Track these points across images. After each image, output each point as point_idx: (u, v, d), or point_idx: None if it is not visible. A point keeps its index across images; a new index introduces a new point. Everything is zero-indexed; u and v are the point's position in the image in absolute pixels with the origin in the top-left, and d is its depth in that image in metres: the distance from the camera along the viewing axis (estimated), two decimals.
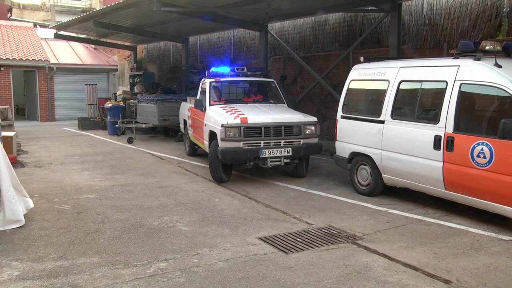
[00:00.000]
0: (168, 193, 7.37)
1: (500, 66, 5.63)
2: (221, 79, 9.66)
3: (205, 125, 8.76)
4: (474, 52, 5.98)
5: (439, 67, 6.37)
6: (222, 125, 7.71)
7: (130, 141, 13.57)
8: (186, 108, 11.27)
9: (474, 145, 5.55)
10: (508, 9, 9.04)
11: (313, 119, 8.25)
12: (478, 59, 5.86)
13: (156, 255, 4.75)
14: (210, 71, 9.89)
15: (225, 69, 9.81)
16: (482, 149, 5.47)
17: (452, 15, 10.00)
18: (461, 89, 5.89)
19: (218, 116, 8.10)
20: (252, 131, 7.75)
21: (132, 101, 16.63)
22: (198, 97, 9.84)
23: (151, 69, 21.49)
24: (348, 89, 7.81)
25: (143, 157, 11.17)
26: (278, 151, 7.78)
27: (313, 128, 8.12)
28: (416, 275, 4.28)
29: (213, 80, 9.54)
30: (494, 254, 4.78)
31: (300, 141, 7.98)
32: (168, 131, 14.99)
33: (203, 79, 9.98)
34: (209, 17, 12.72)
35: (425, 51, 10.18)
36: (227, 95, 9.91)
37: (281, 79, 11.29)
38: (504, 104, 5.66)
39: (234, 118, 7.80)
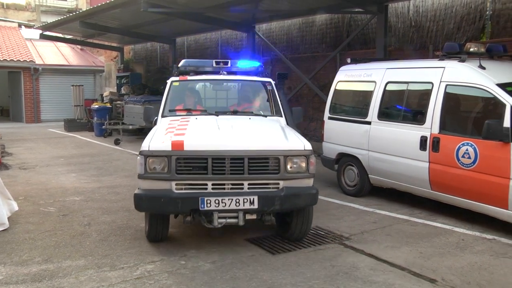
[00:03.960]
0: None
1: (484, 68, 5.70)
2: (189, 78, 6.41)
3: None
4: (459, 54, 6.05)
5: (425, 69, 6.44)
6: (141, 152, 4.66)
7: (117, 142, 13.47)
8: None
9: (459, 146, 5.62)
10: (491, 12, 9.17)
11: (302, 145, 4.82)
12: (463, 61, 5.94)
13: (143, 257, 4.72)
14: (180, 65, 6.63)
15: (202, 63, 6.76)
16: (467, 150, 5.53)
17: (437, 17, 10.11)
18: (447, 90, 5.96)
19: (150, 136, 5.02)
20: (191, 163, 4.61)
21: (119, 102, 16.52)
22: (163, 103, 6.15)
23: (138, 70, 21.37)
24: (335, 90, 7.85)
25: (130, 158, 11.09)
26: (235, 201, 4.54)
27: (302, 161, 4.74)
28: (402, 274, 4.31)
29: (175, 79, 6.41)
30: (478, 253, 4.84)
31: (278, 184, 4.68)
32: None
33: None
34: (197, 18, 12.70)
35: (411, 53, 10.27)
36: (200, 102, 6.50)
37: (279, 78, 7.38)
38: (488, 105, 5.73)
39: (163, 142, 4.69)
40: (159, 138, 4.84)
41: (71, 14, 15.99)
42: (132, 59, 22.56)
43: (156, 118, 6.00)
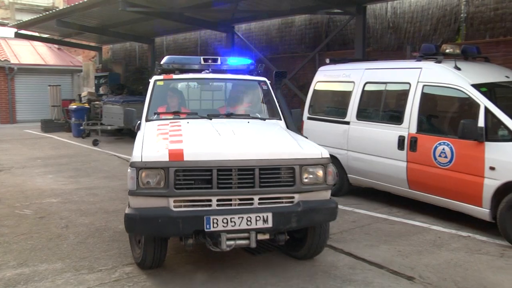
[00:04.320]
0: None
1: (459, 69, 5.81)
2: (174, 77, 5.75)
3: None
4: (436, 55, 6.16)
5: (402, 69, 6.53)
6: (132, 163, 3.94)
7: (95, 143, 13.30)
8: None
9: (436, 145, 5.71)
10: (466, 15, 9.37)
11: (318, 152, 4.22)
12: (439, 62, 6.04)
13: (121, 259, 4.66)
14: (162, 62, 5.91)
15: (187, 60, 6.12)
16: (443, 149, 5.62)
17: (414, 19, 10.27)
18: (424, 91, 6.05)
19: (139, 143, 4.31)
20: (193, 176, 3.94)
21: (97, 102, 16.32)
22: (146, 105, 5.48)
23: (117, 70, 21.15)
24: (314, 90, 7.89)
25: (108, 159, 10.96)
26: (246, 220, 3.92)
27: (319, 171, 4.16)
28: (381, 272, 4.36)
29: (159, 78, 5.69)
30: (454, 250, 4.93)
31: (292, 198, 4.09)
32: (134, 133, 14.76)
33: (150, 78, 5.90)
34: (176, 18, 12.63)
35: (389, 54, 10.41)
36: (186, 104, 5.85)
37: (276, 77, 6.08)
38: (463, 105, 5.84)
39: (157, 151, 4.01)
40: (152, 147, 4.12)
41: (47, 13, 15.71)
42: (110, 59, 22.32)
43: (139, 122, 5.29)
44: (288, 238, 4.35)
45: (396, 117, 6.37)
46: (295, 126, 5.51)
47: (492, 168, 5.12)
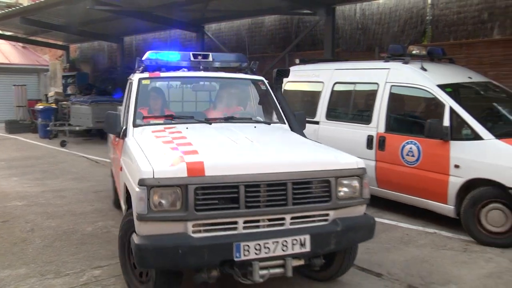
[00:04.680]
0: (103, 198, 7.13)
1: (425, 70, 5.95)
2: (161, 75, 5.00)
3: (121, 168, 4.18)
4: (403, 56, 6.29)
5: (371, 70, 6.63)
6: (141, 181, 3.17)
7: (63, 144, 13.01)
8: None
9: (404, 144, 5.82)
10: (431, 17, 9.62)
11: (354, 162, 3.72)
12: (406, 63, 6.17)
13: (90, 262, 4.57)
14: (145, 57, 5.11)
15: (172, 56, 5.18)
16: (411, 148, 5.74)
17: (382, 20, 10.46)
18: (392, 91, 6.16)
19: (140, 155, 3.54)
20: (216, 194, 3.27)
21: (65, 102, 15.98)
22: (123, 108, 5.26)
23: (85, 69, 20.75)
24: (284, 90, 7.91)
25: (77, 161, 10.74)
26: (281, 245, 3.33)
27: (355, 183, 3.66)
28: (350, 271, 4.41)
29: (144, 77, 4.89)
30: (421, 246, 5.04)
31: (327, 215, 3.56)
32: (104, 133, 14.54)
33: (130, 76, 5.36)
34: (146, 17, 12.49)
35: (358, 54, 10.57)
36: (173, 106, 5.19)
37: (277, 75, 5.29)
38: (429, 105, 5.99)
39: (172, 164, 3.28)
40: (161, 159, 3.35)
41: (10, 9, 15.26)
42: (78, 58, 21.88)
43: (123, 127, 4.49)
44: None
45: (365, 117, 6.46)
46: (301, 130, 4.84)
47: (456, 166, 5.26)
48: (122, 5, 11.44)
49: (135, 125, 4.42)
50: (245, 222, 3.30)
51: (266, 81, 5.26)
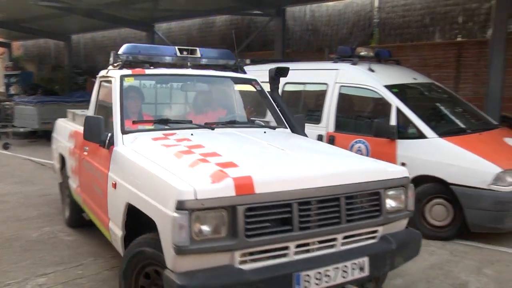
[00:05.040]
0: (51, 202, 6.86)
1: (373, 71, 6.13)
2: (147, 72, 4.26)
3: (114, 185, 3.50)
4: (351, 57, 6.45)
5: (320, 70, 6.76)
6: (180, 204, 2.49)
7: (6, 146, 12.41)
8: (64, 132, 5.71)
9: (353, 143, 5.97)
10: (378, 21, 9.94)
11: (400, 170, 3.35)
12: (355, 64, 6.33)
13: (34, 270, 4.39)
14: (122, 52, 4.33)
15: (157, 50, 4.55)
16: (359, 147, 5.89)
17: (332, 22, 10.70)
18: (341, 91, 6.30)
19: (161, 169, 2.93)
20: (267, 215, 2.69)
21: (7, 103, 15.27)
22: (92, 111, 4.57)
23: (30, 68, 19.93)
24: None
25: (21, 164, 10.28)
26: (341, 271, 2.86)
27: (401, 194, 3.26)
28: None
29: (127, 73, 4.12)
30: None
31: (375, 232, 3.14)
32: (50, 135, 14.02)
33: (102, 73, 4.57)
34: (94, 15, 12.15)
35: (308, 55, 10.74)
36: (153, 109, 4.57)
37: (276, 75, 4.79)
38: (377, 105, 6.17)
39: (213, 181, 2.63)
40: (196, 174, 2.72)
41: None
42: (22, 57, 20.99)
43: (109, 134, 3.72)
44: None
45: (314, 117, 6.57)
46: (305, 135, 4.46)
47: (403, 164, 5.43)
48: (69, 1, 11.07)
49: (124, 132, 3.70)
50: (297, 246, 2.79)
51: (259, 81, 4.75)
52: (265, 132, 4.14)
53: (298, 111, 6.87)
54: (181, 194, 2.51)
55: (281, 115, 4.52)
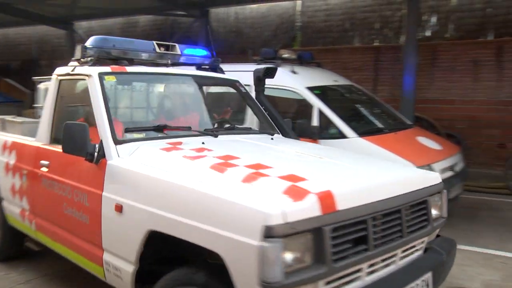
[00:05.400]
0: None
1: (296, 73, 6.23)
2: (128, 69, 3.61)
3: (119, 208, 2.79)
4: (274, 59, 6.51)
5: (243, 72, 6.73)
6: (269, 230, 2.02)
7: None
8: None
9: None
10: (301, 24, 10.18)
11: (436, 176, 3.13)
12: (278, 66, 6.39)
13: None
14: (90, 43, 3.68)
15: (132, 44, 3.91)
16: None
17: (255, 24, 10.80)
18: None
19: (211, 187, 2.39)
20: (346, 235, 2.33)
21: None
22: (47, 117, 3.80)
23: None
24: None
25: None
26: None
27: (439, 201, 3.08)
28: None
29: (106, 71, 3.45)
30: None
31: (423, 242, 2.96)
32: None
33: (62, 70, 3.78)
34: (5, 9, 11.33)
35: (232, 57, 10.75)
36: (128, 114, 4.06)
37: (265, 74, 4.45)
38: (299, 106, 6.28)
39: (294, 196, 2.21)
40: (261, 192, 2.29)
41: None
42: None
43: (96, 145, 3.02)
44: None
45: (239, 119, 6.56)
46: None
47: None
48: None
49: (117, 142, 3.05)
50: (370, 266, 2.50)
51: (242, 83, 4.42)
52: (272, 138, 3.78)
53: (220, 112, 6.84)
54: (269, 218, 2.05)
55: (270, 120, 4.14)
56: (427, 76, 9.10)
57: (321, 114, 5.73)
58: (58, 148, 3.30)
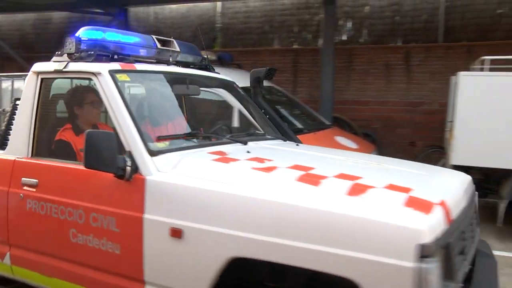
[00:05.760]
0: None
1: (217, 74, 6.21)
2: (139, 68, 3.11)
3: (177, 232, 2.36)
4: None
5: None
6: (422, 249, 1.83)
7: None
8: None
9: None
10: (221, 25, 10.22)
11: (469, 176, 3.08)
12: None
13: None
14: (82, 35, 3.13)
15: (129, 38, 3.25)
16: None
17: (175, 24, 10.66)
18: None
19: (327, 203, 2.08)
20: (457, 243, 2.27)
21: None
22: (26, 124, 3.12)
23: None
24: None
25: None
26: None
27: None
28: None
29: (115, 68, 2.89)
30: None
31: None
32: None
33: (46, 67, 3.33)
34: None
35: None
36: (149, 120, 3.39)
37: (267, 74, 4.06)
38: (219, 107, 6.26)
39: (422, 209, 2.00)
40: (385, 206, 2.04)
41: None
42: None
43: (126, 158, 2.52)
44: None
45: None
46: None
47: None
48: None
49: (152, 153, 2.57)
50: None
51: (238, 85, 4.16)
52: (297, 144, 3.52)
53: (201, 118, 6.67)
54: (421, 235, 1.83)
55: (271, 124, 3.83)
56: (344, 78, 9.48)
57: (241, 115, 5.75)
58: (53, 163, 2.88)
